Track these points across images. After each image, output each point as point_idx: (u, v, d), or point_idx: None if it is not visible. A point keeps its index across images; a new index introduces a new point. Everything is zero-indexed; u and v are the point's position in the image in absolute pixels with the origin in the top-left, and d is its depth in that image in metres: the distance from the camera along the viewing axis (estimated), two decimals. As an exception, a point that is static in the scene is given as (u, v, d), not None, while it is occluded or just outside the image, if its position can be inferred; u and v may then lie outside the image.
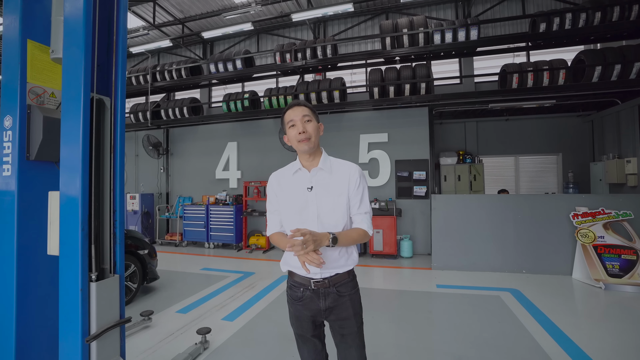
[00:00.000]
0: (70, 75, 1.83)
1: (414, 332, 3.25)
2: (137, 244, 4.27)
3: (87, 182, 1.80)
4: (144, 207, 8.11)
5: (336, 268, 1.51)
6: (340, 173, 1.55)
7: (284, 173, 1.63)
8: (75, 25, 1.84)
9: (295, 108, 1.53)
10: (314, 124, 1.52)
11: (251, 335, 3.21)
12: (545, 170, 8.12)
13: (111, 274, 1.98)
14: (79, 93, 1.79)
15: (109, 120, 2.02)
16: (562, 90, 5.83)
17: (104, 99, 1.99)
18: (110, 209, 2.00)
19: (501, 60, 7.39)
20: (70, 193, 1.79)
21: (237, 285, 4.82)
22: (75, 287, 1.77)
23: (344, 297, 1.53)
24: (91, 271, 1.84)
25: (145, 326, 3.35)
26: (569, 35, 5.86)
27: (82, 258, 1.77)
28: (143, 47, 8.60)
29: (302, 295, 1.54)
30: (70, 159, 1.79)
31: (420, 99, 6.50)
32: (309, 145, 1.49)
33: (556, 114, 7.69)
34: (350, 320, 1.53)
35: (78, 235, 1.77)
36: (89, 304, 1.82)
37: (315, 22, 9.06)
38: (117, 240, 2.01)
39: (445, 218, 5.59)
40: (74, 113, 1.80)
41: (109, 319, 1.89)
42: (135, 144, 9.08)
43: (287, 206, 1.56)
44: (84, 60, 1.77)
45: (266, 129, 7.91)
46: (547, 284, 4.60)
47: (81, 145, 1.77)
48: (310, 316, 1.55)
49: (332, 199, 1.51)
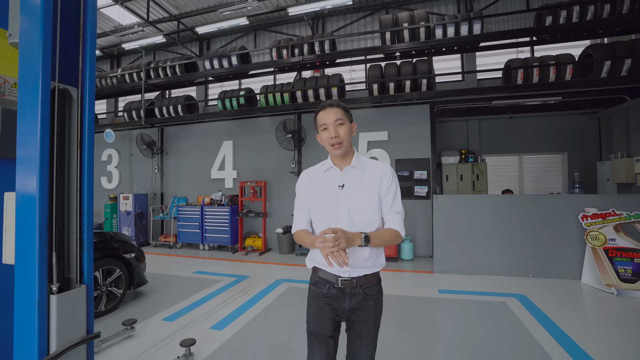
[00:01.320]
0: (27, 62, 1.60)
1: (415, 343, 3.03)
2: (123, 247, 4.06)
3: (47, 182, 1.59)
4: (137, 207, 7.90)
5: (365, 268, 1.50)
6: (372, 172, 1.54)
7: (315, 171, 1.63)
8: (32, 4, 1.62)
9: (328, 110, 1.51)
10: (346, 127, 1.51)
11: (240, 346, 2.99)
12: (550, 169, 7.88)
13: (78, 284, 1.78)
14: (37, 81, 1.57)
15: (76, 112, 1.80)
16: (570, 86, 5.59)
17: (69, 89, 1.76)
18: (77, 211, 1.78)
19: (504, 57, 7.16)
20: (27, 194, 1.57)
21: (229, 290, 4.61)
22: (31, 300, 1.56)
23: (370, 299, 1.52)
24: (52, 282, 1.63)
25: (128, 336, 3.14)
26: (576, 29, 5.62)
27: (39, 267, 1.55)
28: (137, 43, 8.41)
29: (328, 292, 1.52)
30: (27, 156, 1.58)
31: (421, 96, 6.27)
32: (341, 150, 1.50)
33: (562, 112, 7.45)
34: (371, 322, 1.53)
35: (35, 241, 1.56)
36: (48, 319, 1.61)
37: (313, 17, 8.84)
38: (85, 247, 1.80)
39: (448, 219, 5.37)
40: (31, 104, 1.58)
41: (73, 336, 1.67)
42: (129, 143, 8.87)
43: (318, 204, 1.56)
44: (42, 43, 1.55)
45: (262, 128, 7.70)
46: (555, 289, 4.38)
47: (39, 140, 1.55)
48: (333, 314, 1.53)
49: (363, 197, 1.51)
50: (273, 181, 7.49)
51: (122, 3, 8.20)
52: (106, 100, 11.12)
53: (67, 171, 1.86)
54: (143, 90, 8.17)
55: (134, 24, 8.95)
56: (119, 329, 3.14)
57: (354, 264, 1.46)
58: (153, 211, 8.20)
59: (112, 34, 9.19)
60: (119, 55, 11.35)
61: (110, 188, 9.04)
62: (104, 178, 9.16)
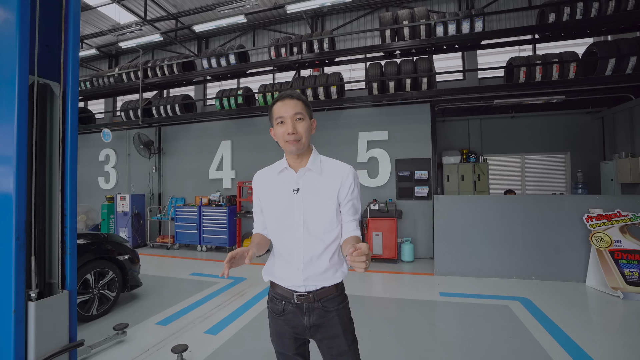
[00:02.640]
0: (2, 54, 1.52)
1: (416, 349, 2.93)
2: (117, 249, 3.96)
3: (25, 182, 1.50)
4: (134, 208, 7.80)
5: (323, 281, 1.34)
6: (330, 175, 1.37)
7: (267, 172, 1.47)
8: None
9: (286, 101, 1.33)
10: (306, 123, 1.34)
11: (234, 352, 2.89)
12: (552, 169, 7.77)
13: (60, 290, 1.68)
14: (13, 75, 1.49)
15: (58, 108, 1.71)
16: (574, 84, 5.49)
17: (50, 84, 1.68)
18: (59, 213, 1.69)
19: (506, 55, 7.07)
20: (2, 194, 1.49)
21: (226, 292, 4.51)
22: (7, 307, 1.47)
23: (331, 312, 1.36)
24: (30, 288, 1.54)
25: (119, 341, 3.03)
26: (580, 26, 5.52)
27: (16, 272, 1.47)
28: (134, 41, 8.32)
29: (284, 309, 1.38)
30: (3, 154, 1.49)
31: (421, 95, 6.17)
32: (297, 147, 1.32)
33: (564, 111, 7.34)
34: (339, 338, 1.35)
35: (12, 244, 1.47)
36: (26, 327, 1.52)
37: (312, 16, 8.76)
38: (68, 250, 1.71)
39: (449, 220, 5.26)
40: (7, 99, 1.50)
41: (54, 344, 1.59)
42: (126, 142, 8.78)
43: (270, 209, 1.41)
44: (19, 35, 1.46)
45: (261, 127, 7.60)
46: (559, 292, 4.27)
47: (16, 137, 1.46)
48: (293, 333, 1.39)
49: (320, 203, 1.34)
50: (272, 181, 7.37)
51: (120, 1, 8.12)
52: (104, 100, 11.05)
53: (49, 170, 1.77)
54: (141, 89, 8.08)
55: (132, 22, 8.87)
56: (110, 334, 3.03)
57: (310, 276, 1.31)
58: (150, 212, 8.10)
59: (109, 32, 9.11)
60: (116, 54, 11.28)
61: (108, 188, 8.95)
62: (101, 178, 9.07)
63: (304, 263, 1.31)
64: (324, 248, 1.32)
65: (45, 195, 1.69)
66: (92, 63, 11.48)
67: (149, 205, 8.22)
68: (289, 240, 1.35)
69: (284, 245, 1.37)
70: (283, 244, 1.37)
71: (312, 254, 1.31)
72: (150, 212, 8.08)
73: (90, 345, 2.83)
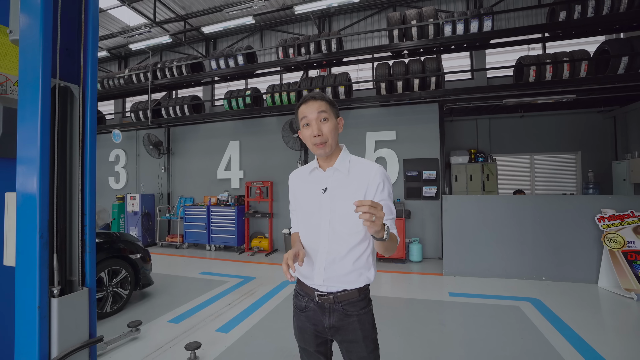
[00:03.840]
0: (27, 59, 1.56)
1: (425, 348, 2.93)
2: (129, 247, 4.04)
3: (48, 182, 1.55)
4: (144, 207, 7.91)
5: (344, 283, 1.32)
6: (357, 174, 1.34)
7: (301, 172, 1.51)
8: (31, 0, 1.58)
9: (310, 103, 1.34)
10: (331, 123, 1.33)
11: (246, 350, 2.92)
12: (563, 169, 7.68)
13: (80, 287, 1.73)
14: (37, 79, 1.52)
15: (77, 110, 1.75)
16: (585, 83, 5.42)
17: (71, 86, 1.72)
18: (79, 212, 1.74)
19: (515, 54, 7.00)
20: (27, 194, 1.52)
21: (236, 291, 4.56)
22: (32, 303, 1.51)
23: (352, 316, 1.33)
24: (53, 285, 1.59)
25: (133, 338, 3.10)
26: (591, 24, 5.44)
27: (40, 269, 1.50)
28: (144, 43, 8.43)
29: (306, 305, 1.40)
30: (27, 155, 1.53)
31: (429, 95, 6.15)
32: (324, 150, 1.33)
33: (575, 110, 7.24)
34: (359, 343, 1.33)
35: (36, 242, 1.51)
36: (49, 322, 1.56)
37: (320, 16, 8.77)
38: (87, 249, 1.75)
39: (457, 220, 5.24)
40: (31, 102, 1.53)
41: (75, 340, 1.62)
42: (136, 143, 8.90)
43: (301, 208, 1.45)
44: (42, 39, 1.49)
45: (269, 127, 7.64)
46: (570, 293, 4.23)
47: (39, 139, 1.50)
48: (314, 330, 1.40)
49: (347, 204, 1.29)
50: (279, 181, 7.43)
51: (129, 4, 8.23)
52: (114, 101, 11.20)
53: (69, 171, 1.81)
54: (150, 90, 8.19)
55: (141, 24, 8.97)
56: (124, 331, 3.10)
57: (331, 277, 1.31)
58: (160, 211, 8.21)
59: (119, 34, 9.24)
60: (126, 56, 11.43)
61: (118, 188, 9.08)
62: (111, 178, 9.21)
63: (326, 263, 1.31)
64: (348, 250, 1.31)
65: (66, 195, 1.73)
66: (102, 65, 11.65)
67: (159, 205, 8.32)
68: (314, 240, 1.36)
69: (310, 244, 1.38)
70: (308, 243, 1.39)
71: (335, 255, 1.31)
72: (159, 211, 8.19)
73: (106, 341, 2.88)
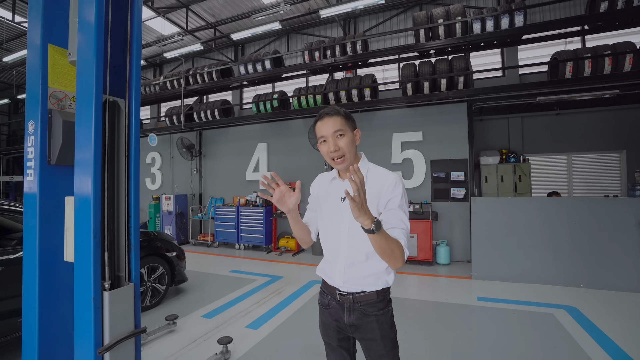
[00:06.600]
0: (83, 78, 1.76)
1: (452, 353, 2.91)
2: (165, 246, 4.31)
3: (100, 187, 1.73)
4: (178, 207, 8.34)
5: (363, 286, 1.39)
6: (373, 184, 1.37)
7: (324, 178, 1.57)
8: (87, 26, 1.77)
9: (325, 120, 1.37)
10: (348, 138, 1.36)
11: (275, 346, 3.05)
12: (604, 170, 7.21)
13: (126, 282, 1.91)
14: (91, 95, 1.72)
15: (124, 122, 1.94)
16: (630, 78, 5.07)
17: (118, 101, 1.91)
18: (125, 214, 1.92)
19: (550, 49, 6.67)
20: (83, 198, 1.73)
21: (264, 289, 4.72)
22: (88, 296, 1.70)
23: (370, 317, 1.39)
24: (104, 279, 1.77)
25: (170, 330, 3.32)
26: (638, 14, 5.09)
27: (94, 266, 1.70)
28: (177, 51, 8.88)
29: (329, 303, 1.49)
30: (83, 163, 1.73)
31: (457, 94, 6.02)
32: (343, 165, 1.38)
33: (618, 106, 6.77)
34: (377, 342, 1.39)
35: (90, 241, 1.70)
36: (102, 313, 1.74)
37: (345, 18, 8.82)
38: (132, 247, 1.93)
39: (487, 222, 5.10)
40: (86, 116, 1.74)
41: (123, 330, 1.81)
42: (170, 146, 9.40)
43: (322, 212, 1.52)
44: (95, 61, 1.69)
45: (295, 130, 7.80)
46: (611, 302, 4.00)
47: (93, 149, 1.69)
48: (336, 325, 1.48)
49: None
50: (306, 182, 7.53)
51: (164, 15, 8.71)
52: (150, 107, 11.87)
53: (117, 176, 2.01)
54: (183, 96, 8.62)
55: (174, 33, 9.47)
56: (162, 324, 3.33)
57: (349, 279, 1.38)
58: (192, 211, 8.61)
59: (154, 44, 9.79)
60: (161, 63, 12.07)
61: (154, 189, 9.63)
62: (148, 179, 9.78)
63: (346, 266, 1.39)
64: (367, 255, 1.36)
65: (114, 199, 1.93)
66: (140, 72, 12.39)
67: (191, 205, 8.74)
68: (334, 244, 1.44)
69: (329, 247, 1.47)
70: (329, 246, 1.48)
71: (354, 259, 1.38)
72: (192, 211, 8.59)
73: (147, 333, 3.12)
